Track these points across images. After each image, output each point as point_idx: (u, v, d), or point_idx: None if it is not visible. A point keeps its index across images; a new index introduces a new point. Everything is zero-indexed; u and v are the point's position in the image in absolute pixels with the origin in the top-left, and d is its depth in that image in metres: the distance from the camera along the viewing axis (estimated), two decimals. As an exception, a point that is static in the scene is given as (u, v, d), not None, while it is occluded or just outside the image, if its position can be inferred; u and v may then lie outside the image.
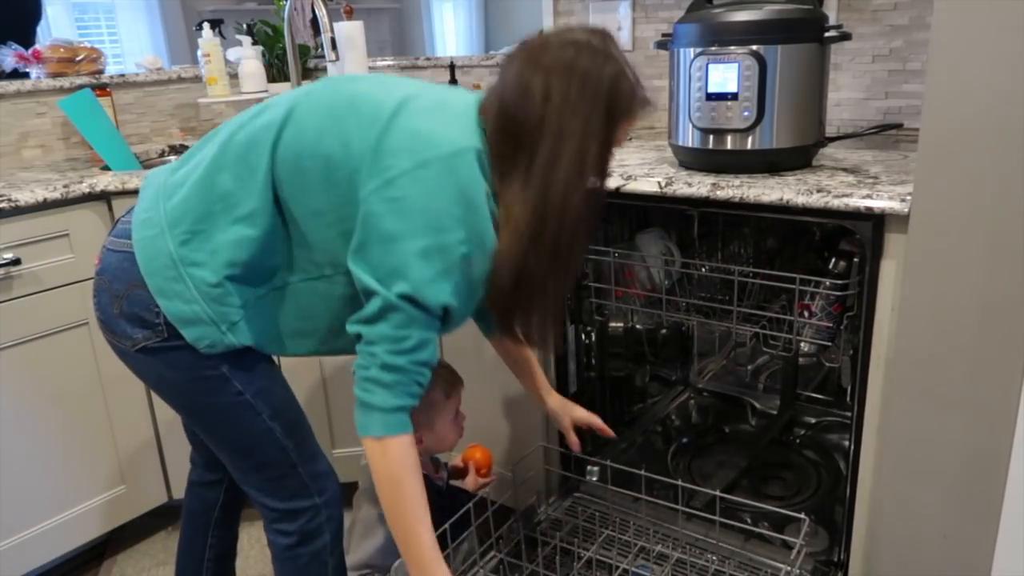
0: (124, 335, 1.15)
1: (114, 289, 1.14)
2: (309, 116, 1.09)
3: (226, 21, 2.54)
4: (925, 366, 1.20)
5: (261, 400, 1.19)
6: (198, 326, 1.11)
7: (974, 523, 1.21)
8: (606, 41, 1.08)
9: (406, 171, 1.00)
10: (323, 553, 1.30)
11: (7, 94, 2.12)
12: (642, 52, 2.08)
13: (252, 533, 2.01)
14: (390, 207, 1.01)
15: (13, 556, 1.74)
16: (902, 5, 1.68)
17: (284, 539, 1.28)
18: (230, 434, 1.22)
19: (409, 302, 1.02)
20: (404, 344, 1.04)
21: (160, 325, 1.12)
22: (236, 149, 1.10)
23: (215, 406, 1.18)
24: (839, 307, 1.45)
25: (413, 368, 1.06)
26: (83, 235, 1.75)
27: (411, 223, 1.01)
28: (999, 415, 1.15)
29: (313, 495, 1.27)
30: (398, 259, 1.02)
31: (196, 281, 1.09)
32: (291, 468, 1.24)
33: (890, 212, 1.21)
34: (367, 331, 1.05)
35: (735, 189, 1.35)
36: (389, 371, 1.05)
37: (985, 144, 1.07)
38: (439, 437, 1.62)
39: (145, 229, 1.13)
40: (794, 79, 1.39)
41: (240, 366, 1.16)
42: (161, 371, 1.16)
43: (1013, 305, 1.09)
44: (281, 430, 1.22)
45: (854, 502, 1.40)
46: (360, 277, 1.04)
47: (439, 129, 1.04)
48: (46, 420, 1.76)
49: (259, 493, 1.27)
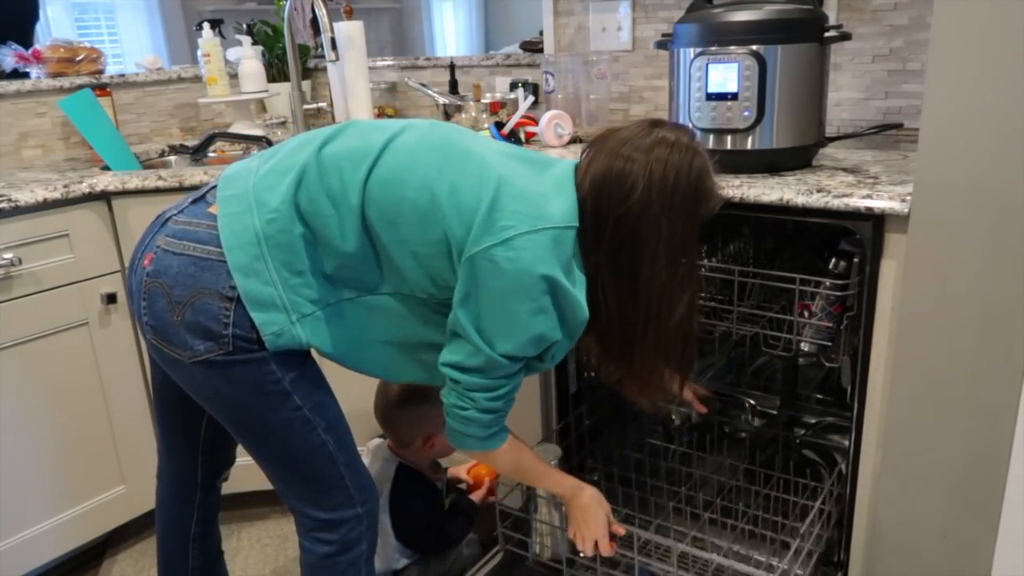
0: (182, 345, 1.10)
1: (175, 295, 1.09)
2: (421, 149, 1.12)
3: (226, 21, 2.53)
4: (925, 366, 1.20)
5: (317, 414, 1.18)
6: (270, 311, 1.09)
7: (974, 523, 1.21)
8: (692, 139, 1.14)
9: (522, 233, 1.05)
10: (359, 561, 1.29)
11: (7, 94, 2.12)
12: (642, 52, 2.08)
13: (252, 533, 2.02)
14: (502, 266, 1.05)
15: (13, 556, 1.74)
16: (902, 5, 1.68)
17: (323, 547, 1.27)
18: (283, 448, 1.20)
19: (509, 359, 1.10)
20: (501, 391, 1.14)
21: (227, 337, 1.08)
22: (332, 153, 1.12)
23: (272, 422, 1.16)
24: (839, 307, 1.44)
25: (506, 407, 1.17)
26: (83, 235, 1.75)
27: (521, 283, 1.06)
28: (999, 415, 1.15)
29: (356, 505, 1.26)
30: (504, 319, 1.08)
31: (274, 266, 1.08)
32: (339, 480, 1.23)
33: (890, 212, 1.21)
34: (465, 379, 1.12)
35: (735, 189, 1.35)
36: (488, 413, 1.15)
37: (985, 144, 1.07)
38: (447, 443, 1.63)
39: (231, 205, 1.11)
40: (794, 79, 1.39)
41: (300, 380, 1.16)
42: (218, 385, 1.13)
43: (1013, 305, 1.09)
44: (334, 443, 1.21)
45: (854, 502, 1.40)
46: (463, 326, 1.09)
47: (551, 201, 1.10)
48: (46, 420, 1.76)
49: (303, 504, 1.25)
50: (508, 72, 2.38)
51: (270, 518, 2.08)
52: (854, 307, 1.41)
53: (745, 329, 1.53)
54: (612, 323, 1.14)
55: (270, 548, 1.98)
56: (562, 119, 1.88)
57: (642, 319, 1.14)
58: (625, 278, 1.12)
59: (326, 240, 1.10)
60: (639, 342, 1.16)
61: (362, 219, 1.09)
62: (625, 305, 1.13)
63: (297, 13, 2.54)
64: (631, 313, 1.14)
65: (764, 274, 1.46)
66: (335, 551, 1.26)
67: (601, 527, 1.36)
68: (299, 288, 1.10)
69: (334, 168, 1.10)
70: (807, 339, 1.49)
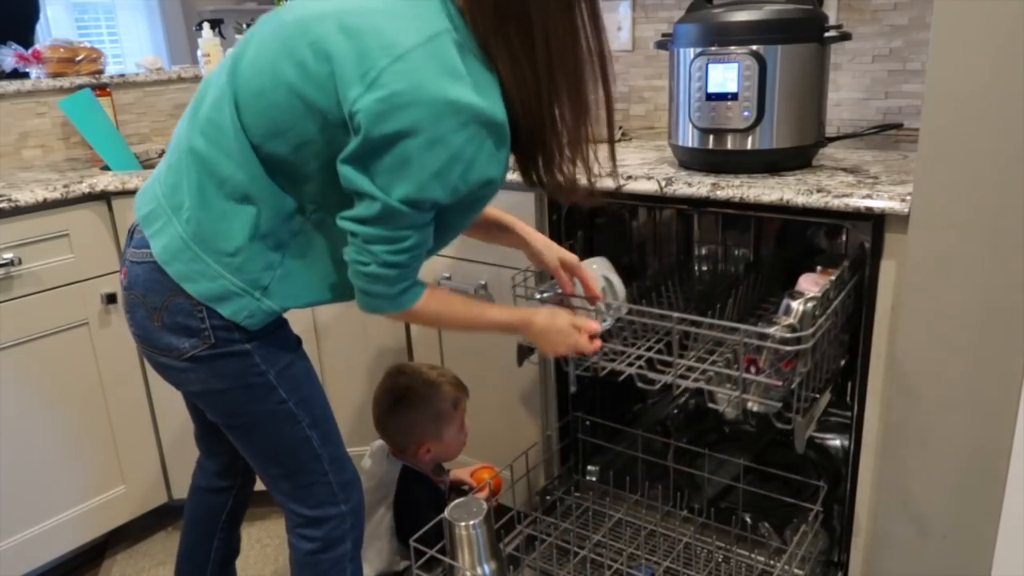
0: (169, 348, 1.12)
1: (149, 302, 1.11)
2: (260, 54, 1.06)
3: (226, 21, 2.54)
4: (925, 366, 1.20)
5: (303, 408, 1.19)
6: (231, 300, 1.09)
7: (974, 523, 1.21)
8: None
9: (385, 68, 0.95)
10: (343, 560, 1.30)
11: (7, 94, 2.12)
12: (642, 52, 2.08)
13: (252, 533, 2.01)
14: (379, 108, 0.96)
15: (13, 556, 1.74)
16: (902, 5, 1.68)
17: (308, 544, 1.28)
18: (268, 441, 1.21)
19: (409, 205, 1.00)
20: (403, 244, 1.04)
21: (207, 331, 1.10)
22: (202, 117, 1.09)
23: (258, 414, 1.18)
24: (790, 363, 1.22)
25: (412, 262, 1.07)
26: (83, 235, 1.75)
27: (403, 118, 0.96)
28: (999, 415, 1.15)
29: (340, 503, 1.27)
30: (396, 160, 0.98)
31: (210, 256, 1.08)
32: (322, 476, 1.24)
33: (890, 212, 1.21)
34: (363, 230, 1.03)
35: (735, 189, 1.35)
36: (390, 268, 1.05)
37: (985, 144, 1.07)
38: (446, 446, 1.63)
39: (152, 223, 1.12)
40: (794, 79, 1.39)
41: (286, 374, 1.16)
42: (207, 379, 1.14)
43: (1013, 305, 1.09)
44: (318, 438, 1.22)
45: (854, 502, 1.40)
46: (352, 181, 1.01)
47: (405, 19, 1.00)
48: (46, 420, 1.76)
49: (288, 499, 1.26)
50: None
51: (270, 518, 2.08)
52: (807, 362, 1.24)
53: (687, 384, 1.34)
54: (517, 113, 1.03)
55: (270, 548, 1.98)
56: (562, 119, 1.88)
57: (546, 93, 1.03)
58: (518, 46, 1.00)
59: (241, 201, 1.07)
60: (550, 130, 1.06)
61: (257, 156, 1.06)
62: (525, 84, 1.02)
63: (297, 13, 2.54)
64: (534, 93, 1.03)
65: (706, 323, 1.29)
66: (319, 548, 1.28)
67: (570, 336, 1.27)
68: (244, 265, 1.09)
69: (214, 133, 1.07)
70: (754, 398, 1.28)
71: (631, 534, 1.65)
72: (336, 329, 1.94)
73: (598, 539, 1.62)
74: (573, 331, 1.27)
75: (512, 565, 1.57)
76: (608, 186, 1.29)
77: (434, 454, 1.63)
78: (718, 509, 1.68)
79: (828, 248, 1.75)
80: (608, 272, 1.45)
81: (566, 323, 1.27)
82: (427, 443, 1.61)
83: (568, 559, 1.57)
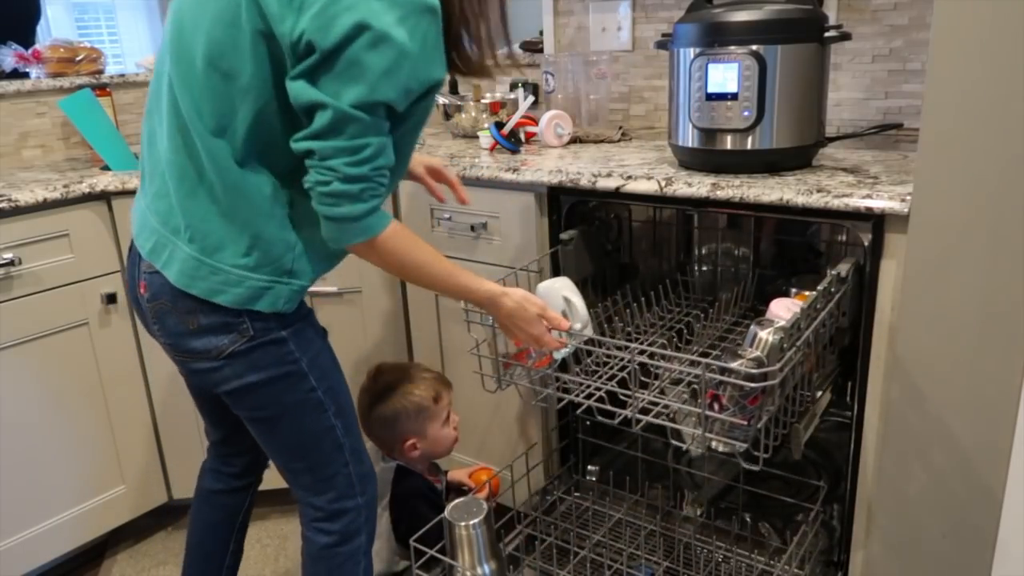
0: (206, 348, 1.12)
1: (180, 307, 1.11)
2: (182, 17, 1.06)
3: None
4: (925, 366, 1.20)
5: (330, 397, 1.21)
6: (264, 296, 1.11)
7: (974, 523, 1.21)
8: None
9: None
10: (358, 553, 1.31)
11: (7, 94, 2.12)
12: (642, 52, 2.08)
13: (252, 533, 1.99)
14: (318, 23, 0.96)
15: (13, 556, 1.74)
16: (902, 5, 1.68)
17: (325, 538, 1.29)
18: (295, 433, 1.22)
19: (362, 110, 0.99)
20: (363, 154, 1.01)
21: (244, 323, 1.11)
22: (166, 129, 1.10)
23: (288, 403, 1.19)
24: (756, 400, 1.12)
25: (376, 174, 1.04)
26: (83, 235, 1.75)
27: (346, 22, 0.95)
28: (999, 415, 1.15)
29: (357, 495, 1.28)
30: (344, 64, 0.97)
31: (226, 263, 1.09)
32: (343, 467, 1.25)
33: (890, 212, 1.21)
34: (320, 146, 1.01)
35: (735, 189, 1.35)
36: (353, 182, 1.02)
37: (985, 144, 1.07)
38: (433, 441, 1.63)
39: (159, 256, 1.12)
40: (794, 79, 1.39)
41: (316, 361, 1.19)
42: (243, 373, 1.15)
43: (1013, 305, 1.09)
44: (342, 428, 1.24)
45: (854, 502, 1.40)
46: (301, 94, 0.99)
47: None
48: (46, 420, 1.76)
49: (307, 493, 1.27)
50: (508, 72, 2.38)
51: (270, 518, 2.08)
52: (774, 401, 1.15)
53: (646, 419, 1.25)
54: None
55: (270, 548, 1.98)
56: (562, 119, 1.88)
57: None
58: None
59: (230, 199, 1.07)
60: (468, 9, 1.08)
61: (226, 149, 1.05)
62: None
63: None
64: None
65: (666, 355, 1.24)
66: (335, 542, 1.28)
67: (536, 326, 1.25)
68: (264, 258, 1.10)
69: (181, 141, 1.08)
70: (717, 437, 1.18)
71: (631, 534, 1.65)
72: (336, 329, 1.93)
73: (598, 539, 1.62)
74: (540, 323, 1.26)
75: (512, 565, 1.57)
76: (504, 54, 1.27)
77: (421, 450, 1.63)
78: (718, 509, 1.69)
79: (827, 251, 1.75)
80: (569, 292, 1.39)
81: (535, 314, 1.25)
82: (411, 438, 1.60)
83: (568, 559, 1.57)
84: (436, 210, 1.79)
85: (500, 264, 1.69)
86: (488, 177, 1.64)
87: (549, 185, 1.57)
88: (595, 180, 1.50)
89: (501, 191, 1.66)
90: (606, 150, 1.81)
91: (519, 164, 1.65)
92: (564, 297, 1.37)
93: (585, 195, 1.57)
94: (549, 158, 1.72)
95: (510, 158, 1.75)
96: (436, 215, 1.79)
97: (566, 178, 1.54)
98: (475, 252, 1.74)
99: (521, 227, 1.66)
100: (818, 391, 1.38)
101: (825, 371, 1.41)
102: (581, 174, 1.52)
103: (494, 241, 1.71)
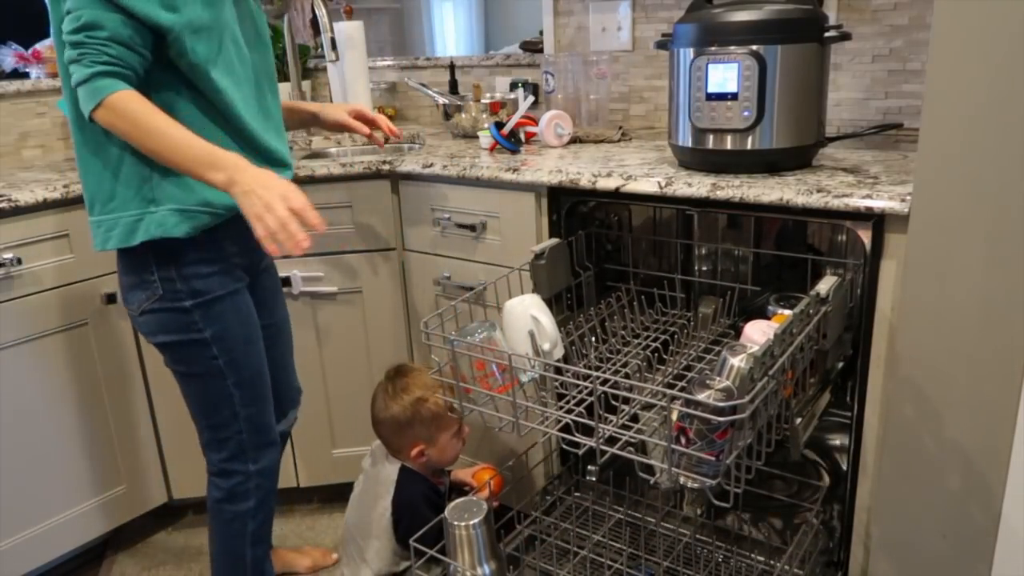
0: (130, 303, 1.34)
1: (120, 266, 1.34)
2: None
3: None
4: (925, 366, 1.20)
5: (231, 368, 1.36)
6: (138, 229, 1.26)
7: (974, 523, 1.21)
8: None
9: None
10: (245, 515, 1.46)
11: (7, 94, 2.12)
12: (642, 52, 2.08)
13: (252, 533, 2.01)
14: None
15: (13, 556, 1.74)
16: (902, 5, 1.68)
17: (216, 492, 1.45)
18: (198, 392, 1.39)
19: None
20: (78, 22, 1.15)
21: (155, 282, 1.29)
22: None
23: (193, 367, 1.36)
24: (724, 434, 1.03)
25: (92, 40, 1.16)
26: (83, 235, 1.75)
27: None
28: (999, 415, 1.15)
29: (248, 462, 1.43)
30: None
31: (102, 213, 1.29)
32: (236, 434, 1.41)
33: (890, 212, 1.21)
34: (65, 31, 1.17)
35: (735, 189, 1.35)
36: (73, 47, 1.17)
37: (985, 144, 1.07)
38: (441, 449, 1.63)
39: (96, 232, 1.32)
40: (794, 79, 1.39)
41: (223, 336, 1.34)
42: (156, 333, 1.34)
43: (1013, 305, 1.09)
44: (240, 398, 1.39)
45: (854, 502, 1.40)
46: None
47: None
48: (46, 420, 1.76)
49: (206, 447, 1.45)
50: (508, 72, 2.38)
51: (270, 518, 2.08)
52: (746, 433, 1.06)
53: (614, 450, 1.17)
54: None
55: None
56: (562, 119, 1.88)
57: None
58: None
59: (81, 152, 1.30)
60: None
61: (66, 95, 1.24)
62: None
63: (297, 13, 2.54)
64: None
65: (630, 385, 1.19)
66: (223, 497, 1.45)
67: (279, 212, 1.13)
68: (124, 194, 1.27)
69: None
70: (684, 472, 1.08)
71: (631, 534, 1.65)
72: (336, 329, 1.94)
73: (598, 539, 1.62)
74: (283, 206, 1.14)
75: (512, 565, 1.57)
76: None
77: (428, 458, 1.63)
78: (718, 509, 1.68)
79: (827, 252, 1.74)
80: (537, 311, 1.34)
81: (277, 195, 1.14)
82: (420, 445, 1.61)
83: (568, 559, 1.57)
84: (436, 210, 1.79)
85: (500, 264, 1.69)
86: (488, 177, 1.64)
87: (549, 185, 1.57)
88: (595, 180, 1.50)
89: (501, 191, 1.66)
90: (606, 150, 1.81)
91: (519, 164, 1.65)
92: (532, 316, 1.33)
93: (585, 195, 1.57)
94: (549, 158, 1.72)
95: (510, 158, 1.75)
96: (436, 215, 1.79)
97: (566, 178, 1.54)
98: (475, 252, 1.75)
99: (521, 227, 1.66)
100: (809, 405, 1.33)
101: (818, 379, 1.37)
102: (581, 174, 1.52)
103: (494, 241, 1.71)
